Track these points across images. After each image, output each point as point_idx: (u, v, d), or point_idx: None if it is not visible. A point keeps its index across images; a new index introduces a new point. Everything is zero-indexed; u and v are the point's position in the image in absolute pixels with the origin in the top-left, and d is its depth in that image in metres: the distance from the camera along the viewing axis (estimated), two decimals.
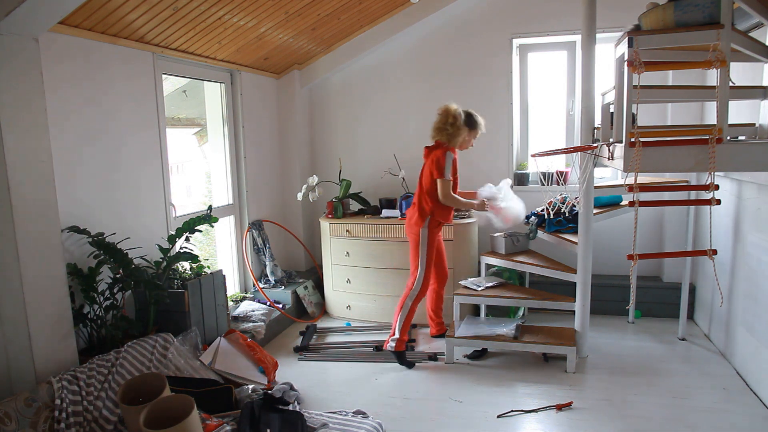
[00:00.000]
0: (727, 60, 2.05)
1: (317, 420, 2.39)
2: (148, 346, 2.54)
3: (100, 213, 2.82)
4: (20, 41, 2.06)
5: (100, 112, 2.82)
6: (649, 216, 4.21)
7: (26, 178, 2.11)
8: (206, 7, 2.97)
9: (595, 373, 3.23)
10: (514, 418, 2.76)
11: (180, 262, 2.99)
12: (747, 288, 3.00)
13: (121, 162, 2.96)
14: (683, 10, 2.13)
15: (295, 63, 4.59)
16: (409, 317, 3.46)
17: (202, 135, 4.66)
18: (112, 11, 2.61)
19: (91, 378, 2.24)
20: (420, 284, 3.43)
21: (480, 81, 4.46)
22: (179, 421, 1.94)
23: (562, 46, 4.38)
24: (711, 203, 2.24)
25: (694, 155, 2.17)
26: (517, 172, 4.51)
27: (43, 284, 2.19)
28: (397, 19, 4.37)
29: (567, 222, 3.69)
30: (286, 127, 4.75)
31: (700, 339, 3.70)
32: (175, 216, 3.39)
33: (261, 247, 4.34)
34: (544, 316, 4.18)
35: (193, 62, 3.57)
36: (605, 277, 4.24)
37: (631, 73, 2.17)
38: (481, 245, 4.34)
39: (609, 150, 2.61)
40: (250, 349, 3.17)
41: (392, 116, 4.72)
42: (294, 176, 4.76)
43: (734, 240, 3.22)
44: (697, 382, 3.07)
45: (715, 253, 2.32)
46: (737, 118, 2.79)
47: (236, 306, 3.89)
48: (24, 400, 1.98)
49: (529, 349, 3.30)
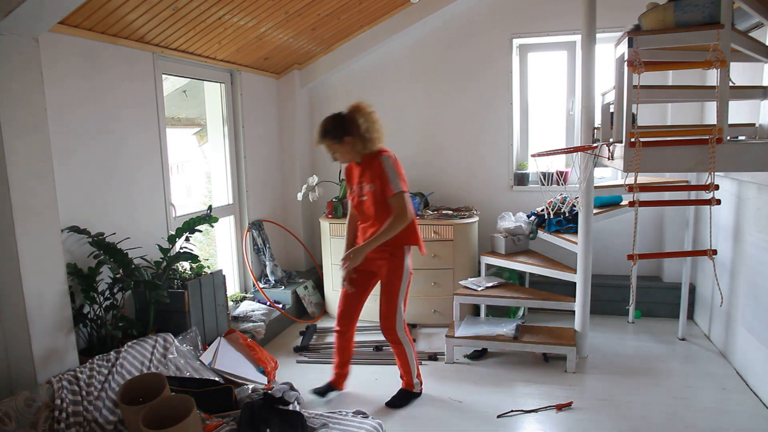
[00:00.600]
0: (727, 60, 2.06)
1: (317, 420, 2.39)
2: (148, 346, 2.54)
3: (100, 213, 2.82)
4: (20, 41, 2.06)
5: (100, 112, 2.82)
6: (649, 216, 4.21)
7: (26, 178, 2.11)
8: (206, 7, 2.97)
9: (595, 373, 3.23)
10: (514, 418, 2.76)
11: (180, 262, 2.99)
12: (747, 288, 3.00)
13: (122, 162, 2.96)
14: (683, 10, 2.13)
15: (295, 63, 4.59)
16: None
17: (202, 135, 4.66)
18: (112, 11, 2.61)
19: (91, 378, 2.24)
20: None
21: (480, 81, 4.46)
22: (179, 421, 1.94)
23: (562, 46, 4.38)
24: (711, 203, 2.24)
25: (694, 155, 2.18)
26: (517, 172, 4.51)
27: (43, 284, 2.19)
28: (397, 19, 4.37)
29: (567, 222, 3.69)
30: (286, 127, 4.75)
31: (700, 339, 3.70)
32: (175, 216, 3.39)
33: (261, 247, 4.34)
34: (544, 316, 4.18)
35: (193, 62, 3.57)
36: (605, 277, 4.24)
37: (631, 73, 2.17)
38: (481, 245, 4.34)
39: (609, 150, 2.61)
40: (250, 349, 3.17)
41: (392, 116, 4.71)
42: (294, 176, 4.76)
43: (734, 240, 3.22)
44: (697, 382, 3.07)
45: (715, 253, 2.33)
46: (737, 118, 2.78)
47: (236, 306, 3.89)
48: (24, 400, 1.98)
49: (529, 349, 3.30)
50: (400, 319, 2.74)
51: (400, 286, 2.70)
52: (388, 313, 2.72)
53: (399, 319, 2.74)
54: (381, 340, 3.77)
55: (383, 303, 2.76)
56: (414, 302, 4.08)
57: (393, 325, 2.75)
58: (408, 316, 4.05)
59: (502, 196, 4.52)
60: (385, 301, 2.73)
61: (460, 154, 4.60)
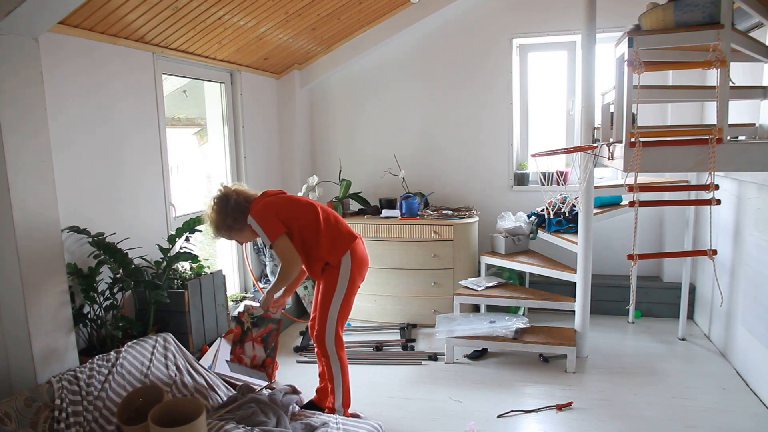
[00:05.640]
0: (727, 60, 2.05)
1: (317, 419, 2.39)
2: (148, 346, 2.54)
3: (100, 213, 2.82)
4: (20, 41, 2.06)
5: (101, 111, 2.82)
6: (649, 216, 4.21)
7: (26, 178, 2.11)
8: (206, 7, 2.97)
9: (595, 373, 3.23)
10: (514, 418, 2.76)
11: (180, 262, 2.99)
12: (747, 288, 3.00)
13: (122, 162, 2.96)
14: (683, 10, 2.13)
15: (295, 63, 4.59)
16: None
17: (202, 135, 4.66)
18: (112, 11, 2.61)
19: (91, 378, 2.24)
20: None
21: (480, 81, 4.46)
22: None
23: (562, 46, 4.38)
24: (711, 203, 2.24)
25: (694, 155, 2.18)
26: (517, 172, 4.51)
27: (43, 284, 2.19)
28: (397, 19, 4.37)
29: (567, 222, 3.69)
30: (286, 127, 4.75)
31: (700, 339, 3.70)
32: (175, 216, 3.39)
33: (261, 247, 4.34)
34: (544, 316, 4.18)
35: (193, 62, 3.57)
36: (605, 277, 4.24)
37: (631, 73, 2.17)
38: (481, 245, 4.34)
39: (609, 150, 2.61)
40: None
41: (392, 116, 4.72)
42: (294, 176, 4.76)
43: (734, 240, 3.22)
44: (697, 382, 3.07)
45: (715, 253, 2.32)
46: (737, 118, 2.78)
47: (236, 306, 3.88)
48: (24, 400, 1.98)
49: (529, 349, 3.30)
50: (330, 332, 2.61)
51: (332, 299, 2.59)
52: (320, 322, 2.62)
53: (329, 331, 2.60)
54: (381, 340, 3.78)
55: (317, 312, 2.69)
56: (414, 302, 4.09)
57: (322, 336, 2.63)
58: (408, 316, 4.12)
59: (502, 196, 4.52)
60: (319, 310, 2.65)
61: (460, 154, 4.60)
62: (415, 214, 4.19)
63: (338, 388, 2.65)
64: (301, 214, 2.57)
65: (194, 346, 2.98)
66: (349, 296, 2.62)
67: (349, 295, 2.62)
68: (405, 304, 4.12)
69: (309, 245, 2.58)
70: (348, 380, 2.68)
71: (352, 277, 2.60)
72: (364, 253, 2.71)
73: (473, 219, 4.14)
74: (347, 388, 2.67)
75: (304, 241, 2.57)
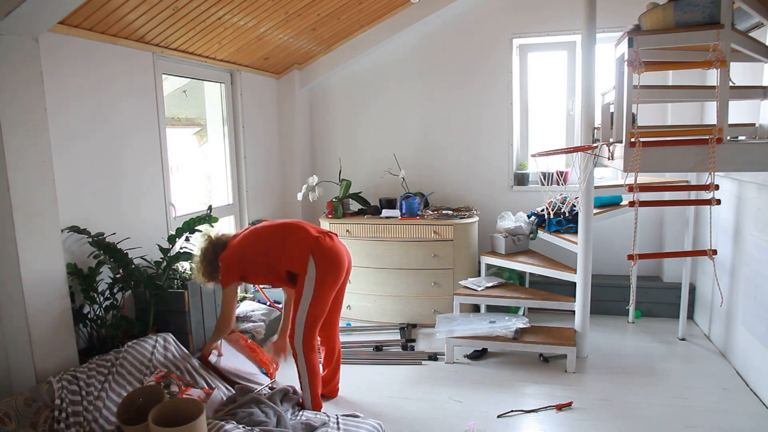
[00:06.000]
0: (727, 60, 2.05)
1: (317, 419, 2.39)
2: (148, 346, 2.54)
3: (100, 213, 2.82)
4: (20, 41, 2.06)
5: (101, 112, 2.82)
6: (649, 216, 4.21)
7: (26, 178, 2.11)
8: (206, 7, 2.97)
9: (595, 373, 3.23)
10: (514, 418, 2.76)
11: (180, 262, 2.99)
12: (747, 288, 3.00)
13: (122, 162, 2.96)
14: (683, 10, 2.13)
15: (295, 63, 4.59)
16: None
17: (202, 135, 4.66)
18: (112, 11, 2.61)
19: (91, 378, 2.24)
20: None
21: (480, 81, 4.46)
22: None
23: (562, 46, 4.38)
24: (711, 203, 2.24)
25: (694, 155, 2.18)
26: (517, 172, 4.51)
27: (43, 284, 2.19)
28: (397, 19, 4.37)
29: (567, 222, 3.69)
30: (286, 127, 4.75)
31: (700, 339, 3.70)
32: (175, 216, 3.39)
33: None
34: (544, 316, 4.18)
35: (193, 62, 3.57)
36: (605, 277, 4.24)
37: (631, 73, 2.17)
38: (481, 245, 4.34)
39: (609, 150, 2.61)
40: (250, 349, 3.17)
41: (392, 116, 4.72)
42: (294, 176, 4.76)
43: (734, 240, 3.22)
44: (697, 382, 3.07)
45: (715, 253, 2.33)
46: (737, 118, 2.78)
47: (236, 306, 3.88)
48: (24, 400, 1.98)
49: (529, 349, 3.30)
50: (299, 332, 2.69)
51: (300, 302, 2.67)
52: (292, 324, 2.74)
53: (298, 331, 2.69)
54: (381, 340, 3.78)
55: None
56: (414, 302, 4.09)
57: (291, 336, 2.74)
58: (408, 316, 4.12)
59: (502, 196, 4.52)
60: (292, 313, 2.76)
61: (460, 154, 4.60)
62: (415, 214, 4.19)
63: (305, 390, 2.74)
64: (258, 245, 2.77)
65: (194, 346, 2.98)
66: (318, 299, 2.68)
67: (317, 298, 2.68)
68: (405, 304, 4.12)
69: (271, 264, 2.76)
70: (317, 384, 2.76)
71: (320, 278, 2.66)
72: (332, 250, 2.73)
73: (473, 219, 4.14)
74: (315, 392, 2.75)
75: (267, 265, 2.77)
